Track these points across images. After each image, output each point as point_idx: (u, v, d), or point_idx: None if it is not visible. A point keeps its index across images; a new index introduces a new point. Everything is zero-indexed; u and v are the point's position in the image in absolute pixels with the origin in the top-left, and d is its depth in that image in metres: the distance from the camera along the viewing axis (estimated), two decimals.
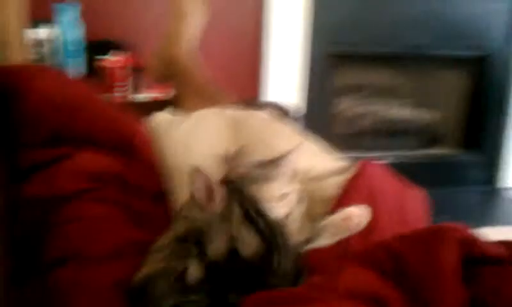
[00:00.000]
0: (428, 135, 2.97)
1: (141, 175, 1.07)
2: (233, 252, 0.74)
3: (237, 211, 0.79)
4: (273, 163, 0.95)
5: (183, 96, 1.43)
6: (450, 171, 2.87)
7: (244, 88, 2.34)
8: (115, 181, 1.03)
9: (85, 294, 0.81)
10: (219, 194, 0.80)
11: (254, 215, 0.79)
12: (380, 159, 2.63)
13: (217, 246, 0.75)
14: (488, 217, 2.86)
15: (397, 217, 1.00)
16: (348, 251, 0.88)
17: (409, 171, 1.33)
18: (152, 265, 0.82)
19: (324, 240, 0.91)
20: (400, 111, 2.91)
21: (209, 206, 0.80)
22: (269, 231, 0.77)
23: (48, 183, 0.97)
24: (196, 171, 0.80)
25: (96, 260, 0.86)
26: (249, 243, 0.75)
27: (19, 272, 0.89)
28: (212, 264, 0.73)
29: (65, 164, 1.00)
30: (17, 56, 1.33)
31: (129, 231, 0.95)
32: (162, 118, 1.24)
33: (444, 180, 2.82)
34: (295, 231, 0.92)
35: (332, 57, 2.52)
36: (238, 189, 0.84)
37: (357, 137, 2.84)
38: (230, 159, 0.94)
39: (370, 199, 0.97)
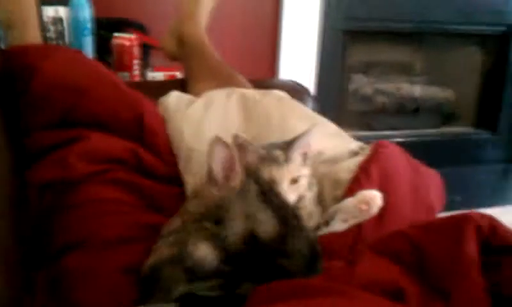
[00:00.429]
0: (443, 114, 2.92)
1: (152, 157, 1.06)
2: (251, 236, 0.71)
3: (253, 189, 0.76)
4: (285, 146, 0.93)
5: (195, 76, 1.41)
6: (464, 149, 2.83)
7: (258, 67, 2.32)
8: (127, 163, 1.02)
9: (93, 281, 0.81)
10: (240, 168, 0.76)
11: (269, 194, 0.76)
12: (393, 138, 2.60)
13: (236, 226, 0.71)
14: (501, 196, 2.84)
15: (413, 199, 0.98)
16: (361, 236, 0.86)
17: (423, 150, 1.31)
18: (162, 250, 0.81)
19: (336, 226, 0.89)
20: (414, 89, 2.86)
21: (228, 182, 0.76)
22: (284, 213, 0.75)
23: (59, 166, 0.96)
24: (217, 141, 0.74)
25: (106, 245, 0.86)
26: (267, 224, 0.72)
27: (32, 257, 0.89)
28: (230, 247, 0.70)
29: (76, 147, 0.99)
30: (29, 35, 1.31)
31: (141, 215, 0.95)
32: (173, 98, 1.22)
33: (458, 159, 2.79)
34: (306, 216, 0.90)
35: (346, 34, 2.47)
36: (252, 170, 0.82)
37: (370, 115, 2.80)
38: (239, 144, 0.91)
39: (384, 182, 0.95)
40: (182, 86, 1.38)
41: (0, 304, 0.71)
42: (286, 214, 0.75)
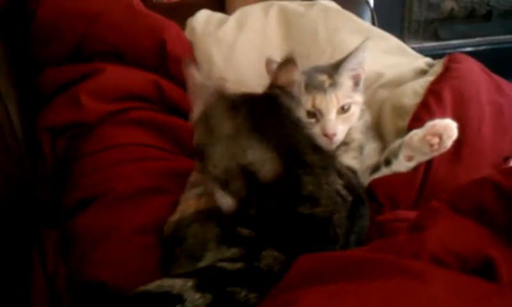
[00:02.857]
0: None
1: (178, 90, 0.94)
2: (250, 176, 0.59)
3: (240, 123, 0.62)
4: (332, 68, 0.79)
5: None
6: None
7: None
8: (149, 100, 0.91)
9: (107, 245, 0.68)
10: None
11: (266, 127, 0.62)
12: (463, 47, 2.38)
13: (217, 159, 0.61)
14: None
15: (496, 127, 0.80)
16: (431, 179, 0.72)
17: (497, 60, 1.14)
18: (188, 203, 0.69)
19: (400, 165, 0.74)
20: None
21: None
22: (288, 146, 0.61)
23: (71, 108, 0.86)
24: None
25: (125, 199, 0.74)
26: (262, 160, 0.59)
27: (47, 215, 0.79)
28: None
29: (89, 83, 0.88)
30: None
31: (168, 161, 0.83)
32: (201, 18, 1.08)
33: None
34: (356, 152, 0.78)
35: None
36: (254, 100, 0.67)
37: (437, 23, 2.57)
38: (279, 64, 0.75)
39: (460, 108, 0.78)
40: (220, 5, 1.21)
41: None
42: (292, 148, 0.61)
